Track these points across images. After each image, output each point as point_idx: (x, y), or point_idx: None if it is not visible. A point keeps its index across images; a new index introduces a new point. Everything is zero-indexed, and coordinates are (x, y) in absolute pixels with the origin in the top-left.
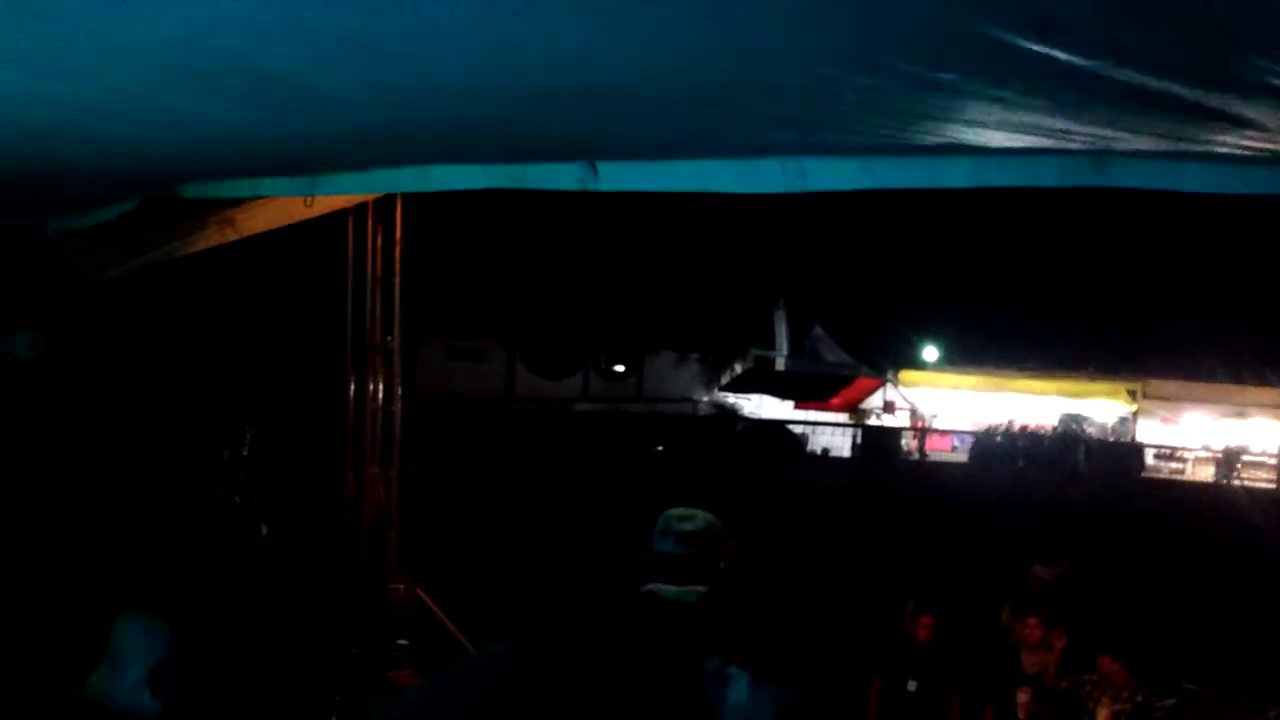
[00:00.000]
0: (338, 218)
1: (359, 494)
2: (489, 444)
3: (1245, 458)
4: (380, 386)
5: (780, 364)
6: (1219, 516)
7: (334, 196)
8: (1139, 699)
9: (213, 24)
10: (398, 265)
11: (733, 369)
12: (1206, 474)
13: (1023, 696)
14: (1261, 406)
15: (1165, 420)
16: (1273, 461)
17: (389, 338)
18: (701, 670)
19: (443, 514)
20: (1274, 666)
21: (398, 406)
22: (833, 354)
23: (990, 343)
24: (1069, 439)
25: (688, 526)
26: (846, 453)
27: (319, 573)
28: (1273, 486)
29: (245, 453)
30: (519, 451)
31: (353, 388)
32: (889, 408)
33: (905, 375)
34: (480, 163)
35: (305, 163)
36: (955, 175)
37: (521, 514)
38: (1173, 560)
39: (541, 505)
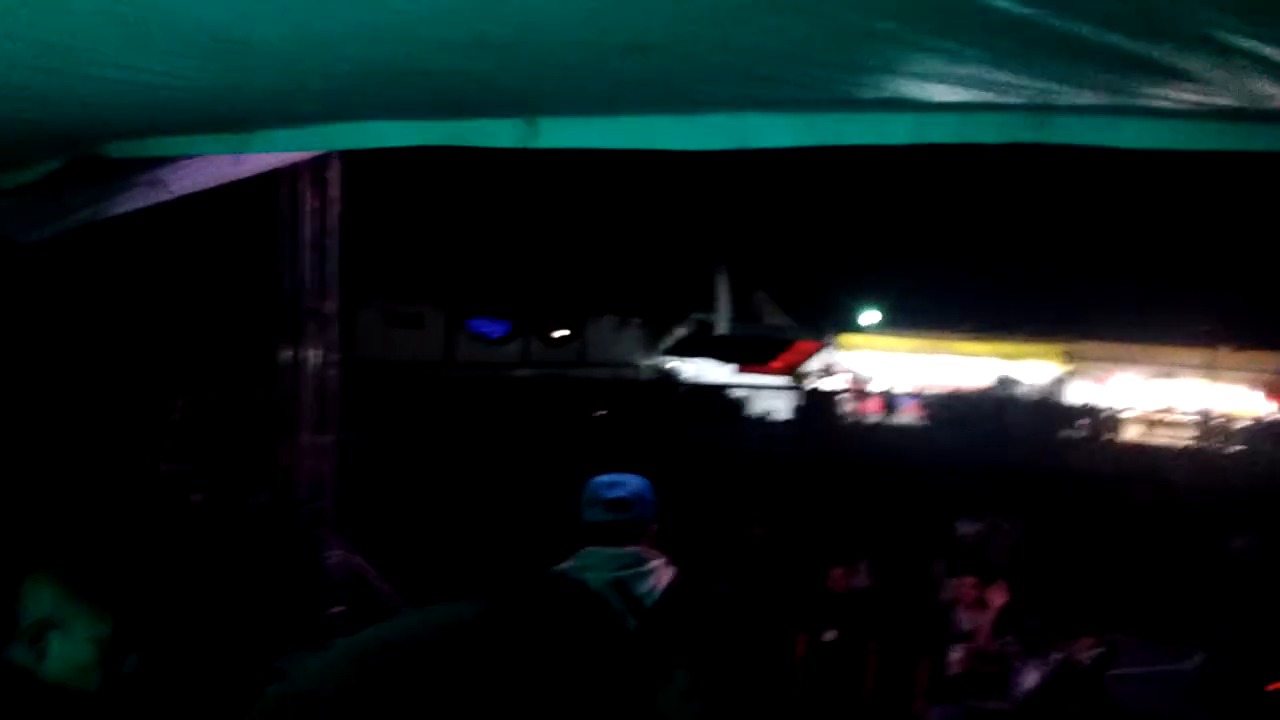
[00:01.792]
0: (271, 178)
1: (294, 461)
2: (429, 410)
3: (1170, 418)
4: (316, 352)
5: (721, 328)
6: (1146, 474)
7: (267, 155)
8: (1062, 655)
9: None
10: (334, 228)
11: (674, 333)
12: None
13: (955, 654)
14: (1189, 367)
15: (1098, 380)
16: (1198, 420)
17: (325, 302)
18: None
19: (382, 480)
20: (1196, 616)
21: (334, 372)
22: (773, 318)
23: (928, 306)
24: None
25: (618, 493)
26: (787, 416)
27: (252, 541)
28: (1194, 444)
29: (176, 420)
30: (460, 417)
31: (287, 353)
32: (828, 371)
33: (845, 338)
34: (417, 119)
35: (237, 119)
36: (897, 131)
37: (463, 480)
38: (1101, 516)
39: (483, 471)
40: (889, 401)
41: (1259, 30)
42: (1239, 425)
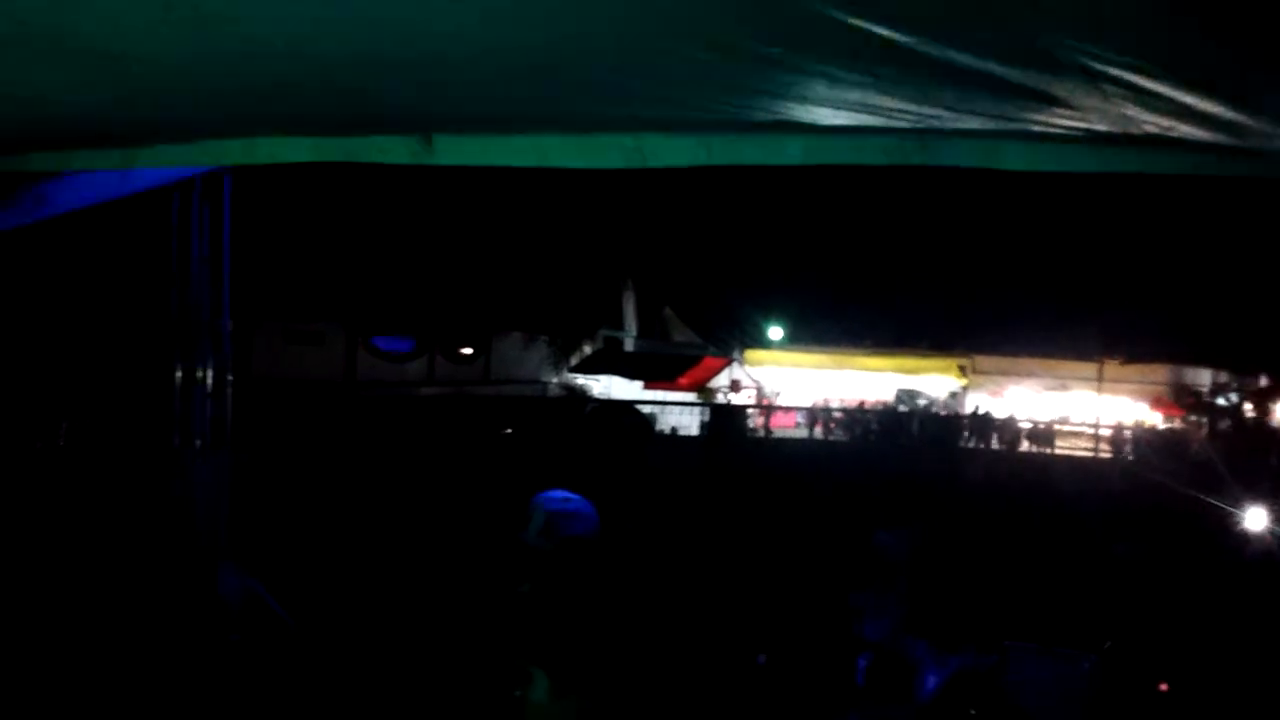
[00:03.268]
0: (162, 194)
1: (187, 484)
2: (330, 429)
3: (1062, 428)
4: (210, 371)
5: (629, 345)
6: (1040, 483)
7: (157, 171)
8: (959, 661)
9: None
10: (227, 244)
11: (582, 350)
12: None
13: (863, 663)
14: (1079, 380)
15: (993, 393)
16: (1090, 431)
17: (219, 320)
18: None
19: (280, 503)
20: (1086, 621)
21: (229, 392)
22: (680, 334)
23: (832, 321)
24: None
25: (571, 525)
26: (695, 431)
27: (142, 569)
28: (1090, 455)
29: (60, 444)
30: (362, 436)
31: (179, 373)
32: (735, 386)
33: (751, 354)
34: (310, 135)
35: (120, 134)
36: (790, 153)
37: (364, 501)
38: (1000, 525)
39: (385, 492)
40: (813, 415)
41: (1126, 59)
42: (1127, 434)
